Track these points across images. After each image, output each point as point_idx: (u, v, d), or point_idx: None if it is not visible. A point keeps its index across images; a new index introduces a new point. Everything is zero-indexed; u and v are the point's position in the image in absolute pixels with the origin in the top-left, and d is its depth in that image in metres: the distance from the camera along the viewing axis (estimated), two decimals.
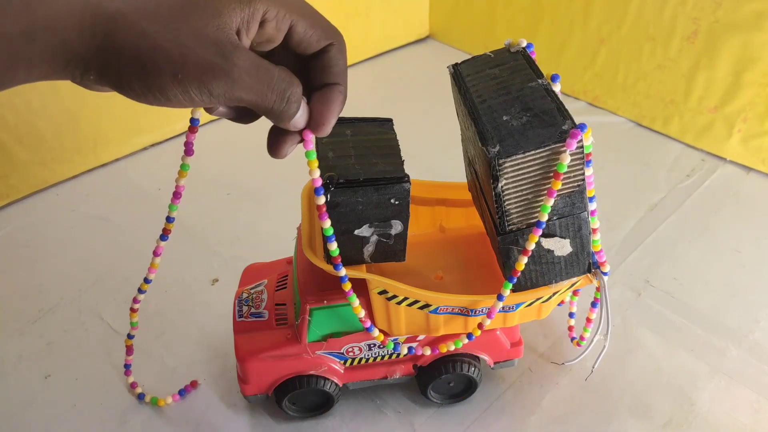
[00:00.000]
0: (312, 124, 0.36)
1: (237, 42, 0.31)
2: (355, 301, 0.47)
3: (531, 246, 0.45)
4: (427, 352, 0.53)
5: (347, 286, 0.46)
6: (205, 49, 0.30)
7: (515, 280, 0.47)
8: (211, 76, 0.30)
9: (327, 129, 0.37)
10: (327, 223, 0.43)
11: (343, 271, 0.46)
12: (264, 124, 0.40)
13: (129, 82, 0.30)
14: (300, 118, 0.35)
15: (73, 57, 0.29)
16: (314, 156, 0.39)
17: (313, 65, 0.36)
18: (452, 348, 0.53)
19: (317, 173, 0.41)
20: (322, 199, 0.42)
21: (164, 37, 0.29)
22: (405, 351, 0.52)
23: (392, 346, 0.52)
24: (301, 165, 0.44)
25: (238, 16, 0.31)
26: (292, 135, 0.37)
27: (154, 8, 0.30)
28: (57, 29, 0.28)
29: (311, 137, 0.37)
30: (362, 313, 0.48)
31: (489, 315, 0.49)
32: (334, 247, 0.44)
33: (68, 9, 0.29)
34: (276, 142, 0.38)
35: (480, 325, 0.50)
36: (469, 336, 0.51)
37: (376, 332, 0.50)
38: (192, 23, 0.30)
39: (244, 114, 0.39)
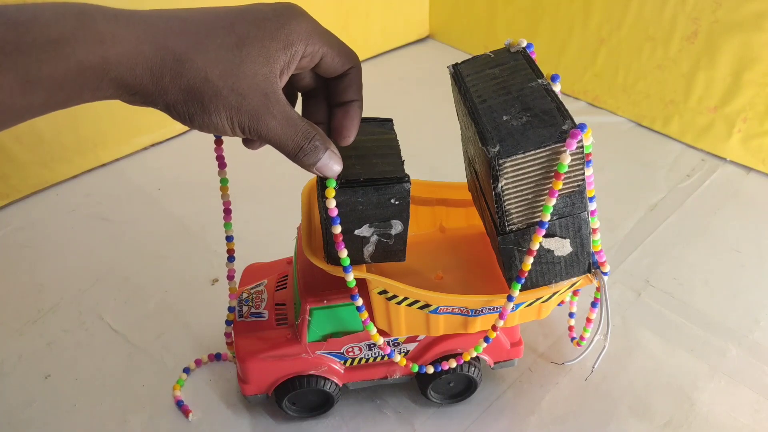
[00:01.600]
0: (336, 136, 0.42)
1: (278, 93, 0.37)
2: (361, 304, 0.48)
3: (535, 246, 0.45)
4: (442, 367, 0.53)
5: (353, 290, 0.47)
6: (255, 99, 0.35)
7: (523, 280, 0.47)
8: (256, 122, 0.36)
9: (350, 140, 0.42)
10: (339, 234, 0.44)
11: (351, 276, 0.46)
12: None
13: (190, 118, 0.35)
14: (332, 164, 0.40)
15: (140, 90, 0.34)
16: (334, 184, 0.42)
17: (334, 85, 0.42)
18: (474, 354, 0.53)
19: (333, 203, 0.42)
20: (338, 229, 0.44)
21: (224, 84, 0.34)
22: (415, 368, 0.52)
23: (416, 368, 0.54)
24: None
25: (282, 60, 0.36)
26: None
27: (215, 53, 0.34)
28: (127, 66, 0.32)
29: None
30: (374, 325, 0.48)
31: (501, 315, 0.49)
32: (344, 255, 0.44)
33: (138, 48, 0.32)
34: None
35: (494, 327, 0.50)
36: (486, 339, 0.51)
37: (396, 356, 0.50)
38: (247, 71, 0.35)
39: None
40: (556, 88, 0.45)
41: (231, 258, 0.53)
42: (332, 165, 0.40)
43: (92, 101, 0.34)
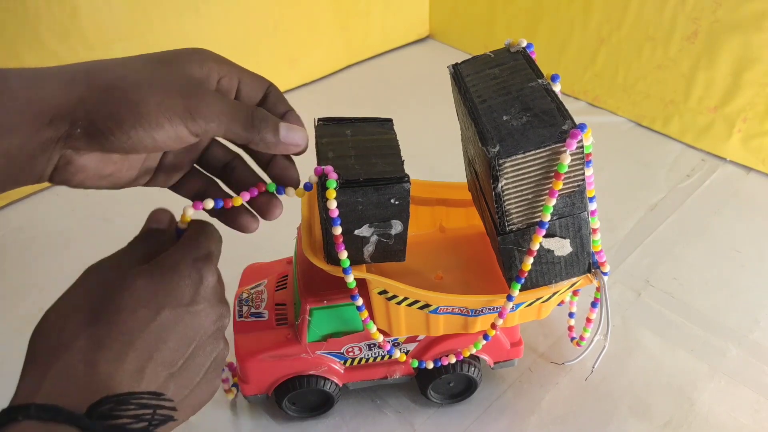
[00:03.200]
0: (286, 167, 0.42)
1: (212, 87, 0.36)
2: (361, 304, 0.48)
3: (535, 246, 0.45)
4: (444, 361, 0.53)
5: (354, 290, 0.47)
6: (184, 88, 0.34)
7: (523, 280, 0.47)
8: (196, 101, 0.34)
9: (304, 147, 0.40)
10: (339, 236, 0.44)
11: (351, 277, 0.46)
12: None
13: (112, 140, 0.33)
14: (295, 133, 0.38)
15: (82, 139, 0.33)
16: (335, 184, 0.41)
17: (266, 109, 0.40)
18: (473, 350, 0.53)
19: (334, 204, 0.42)
20: (338, 230, 0.43)
21: (143, 96, 0.33)
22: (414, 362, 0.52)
23: (416, 363, 0.54)
24: (301, 165, 0.44)
25: (198, 74, 0.36)
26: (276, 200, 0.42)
27: (135, 73, 0.34)
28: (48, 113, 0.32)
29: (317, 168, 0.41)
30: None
31: (501, 315, 0.49)
32: (344, 256, 0.44)
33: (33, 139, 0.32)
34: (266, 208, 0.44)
35: (494, 326, 0.50)
36: (486, 336, 0.51)
37: (396, 353, 0.50)
38: (169, 74, 0.34)
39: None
40: (556, 88, 0.45)
41: None
42: (295, 134, 0.38)
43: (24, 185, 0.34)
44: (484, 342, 0.52)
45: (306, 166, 0.51)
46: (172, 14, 0.87)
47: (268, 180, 0.43)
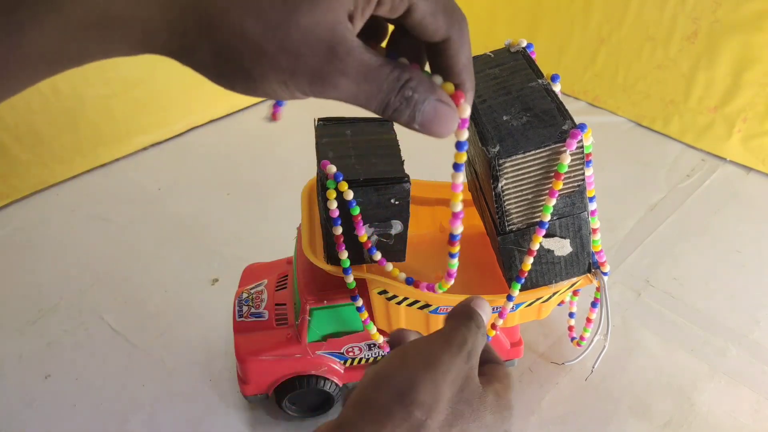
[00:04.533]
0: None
1: (349, 42, 0.27)
2: (361, 304, 0.48)
3: (535, 246, 0.45)
4: None
5: (354, 291, 0.47)
6: (315, 58, 0.27)
7: (523, 280, 0.47)
8: (320, 85, 0.27)
9: (463, 136, 0.34)
10: (340, 236, 0.44)
11: (351, 277, 0.46)
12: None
13: (231, 84, 0.27)
14: (442, 117, 0.30)
15: (161, 47, 0.26)
16: (334, 185, 0.40)
17: (433, 57, 0.31)
18: None
19: (335, 204, 0.42)
20: (339, 230, 0.43)
21: (270, 41, 0.26)
22: None
23: None
24: (300, 165, 0.44)
25: (352, 2, 0.27)
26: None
27: (256, 2, 0.26)
28: (139, 19, 0.25)
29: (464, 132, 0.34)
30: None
31: (501, 315, 0.49)
32: (345, 256, 0.44)
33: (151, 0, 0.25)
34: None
35: (494, 326, 0.50)
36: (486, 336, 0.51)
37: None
38: (301, 21, 0.26)
39: None
40: (556, 88, 0.45)
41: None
42: (439, 123, 0.29)
43: (108, 58, 0.27)
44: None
45: (306, 166, 0.51)
46: None
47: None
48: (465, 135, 0.33)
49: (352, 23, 0.27)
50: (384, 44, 0.32)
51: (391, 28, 0.32)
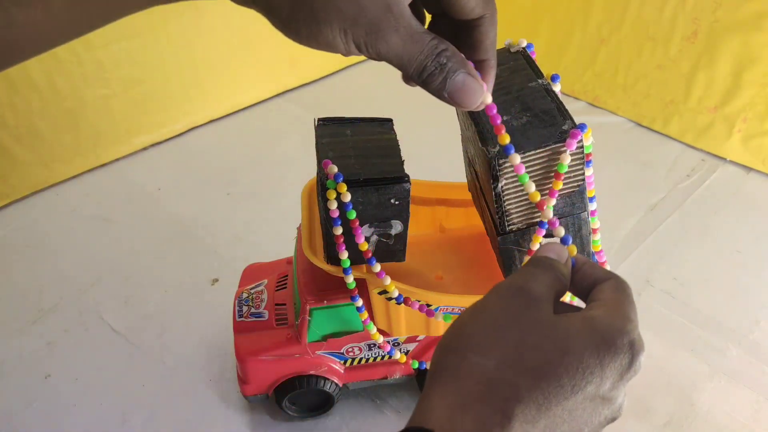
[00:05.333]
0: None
1: (403, 5, 0.31)
2: (361, 304, 0.48)
3: (535, 246, 0.45)
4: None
5: (353, 291, 0.47)
6: (375, 10, 0.30)
7: None
8: (375, 37, 0.31)
9: (483, 105, 0.36)
10: (340, 236, 0.44)
11: (351, 278, 0.46)
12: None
13: (296, 28, 0.31)
14: (468, 89, 0.33)
15: None
16: (334, 185, 0.40)
17: (464, 36, 0.35)
18: None
19: (335, 204, 0.41)
20: (339, 230, 0.43)
21: None
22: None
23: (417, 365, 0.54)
24: (301, 165, 0.44)
25: None
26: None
27: None
28: None
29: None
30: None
31: None
32: (345, 256, 0.44)
33: None
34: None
35: None
36: None
37: (396, 353, 0.50)
38: None
39: None
40: (556, 88, 0.45)
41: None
42: (469, 91, 0.33)
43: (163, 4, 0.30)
44: None
45: (306, 166, 0.51)
46: (173, 14, 0.87)
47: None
48: (489, 99, 0.36)
49: None
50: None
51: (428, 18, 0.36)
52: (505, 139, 0.39)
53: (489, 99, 0.35)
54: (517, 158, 0.39)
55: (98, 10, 0.29)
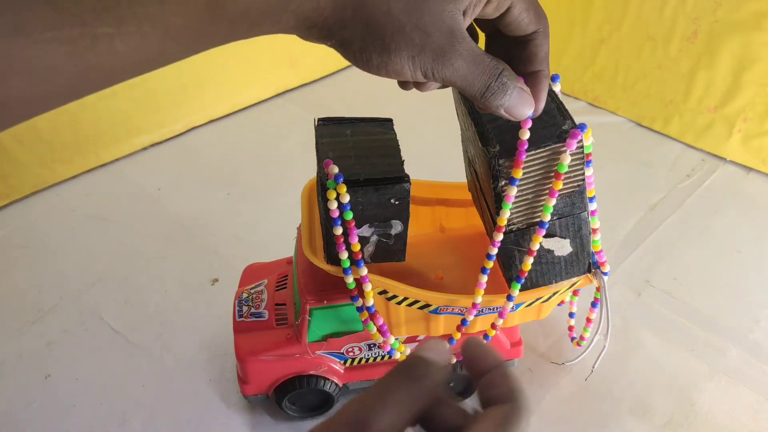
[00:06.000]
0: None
1: (464, 30, 0.33)
2: (361, 304, 0.48)
3: (535, 246, 0.45)
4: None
5: (353, 291, 0.47)
6: (440, 37, 0.32)
7: (523, 280, 0.47)
8: (441, 62, 0.33)
9: (537, 113, 0.38)
10: (340, 236, 0.44)
11: (351, 278, 0.46)
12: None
13: (368, 56, 0.33)
14: (524, 103, 0.36)
15: (320, 23, 0.32)
16: (335, 185, 0.40)
17: (518, 50, 0.37)
18: None
19: (335, 204, 0.42)
20: (339, 230, 0.43)
21: (408, 20, 0.32)
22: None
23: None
24: (301, 165, 0.44)
25: (468, 0, 0.33)
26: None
27: None
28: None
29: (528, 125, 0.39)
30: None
31: (501, 315, 0.49)
32: (345, 256, 0.44)
33: None
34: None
35: (494, 326, 0.50)
36: (486, 336, 0.51)
37: (396, 354, 0.51)
38: (432, 7, 0.32)
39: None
40: (556, 88, 0.45)
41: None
42: (521, 107, 0.36)
43: (271, 33, 0.32)
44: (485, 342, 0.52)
45: (306, 166, 0.51)
46: None
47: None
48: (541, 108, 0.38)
49: (464, 16, 0.33)
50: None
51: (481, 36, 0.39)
52: (525, 134, 0.40)
53: (541, 108, 0.38)
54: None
55: (186, 46, 0.31)
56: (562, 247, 0.46)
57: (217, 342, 0.65)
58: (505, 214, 0.44)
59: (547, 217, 0.43)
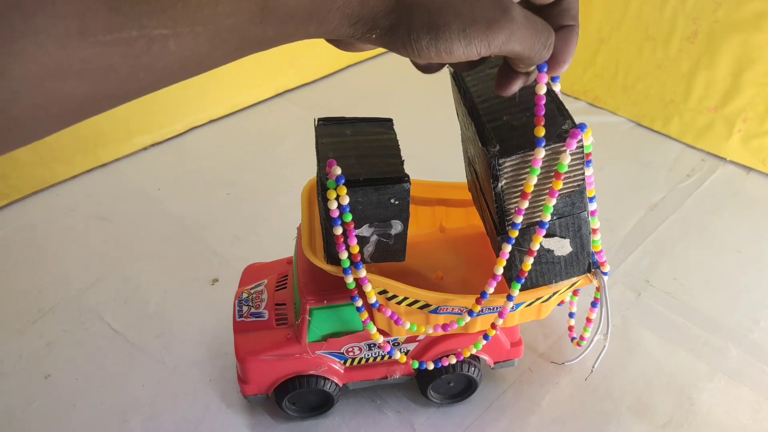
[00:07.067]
0: (553, 63, 0.38)
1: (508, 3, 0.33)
2: (361, 304, 0.48)
3: (535, 246, 0.45)
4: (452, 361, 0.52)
5: (353, 291, 0.47)
6: (489, 5, 0.32)
7: (523, 280, 0.47)
8: (496, 30, 0.32)
9: (566, 67, 0.38)
10: (340, 236, 0.44)
11: (351, 278, 0.46)
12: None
13: (417, 38, 0.32)
14: (564, 45, 0.37)
15: (366, 15, 0.31)
16: (335, 185, 0.40)
17: (549, 8, 0.37)
18: (473, 351, 0.53)
19: (335, 204, 0.41)
20: (339, 230, 0.43)
21: None
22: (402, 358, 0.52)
23: (417, 365, 0.54)
24: (300, 165, 0.44)
25: None
26: (523, 75, 0.39)
27: None
28: None
29: (545, 78, 0.39)
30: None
31: (501, 315, 0.49)
32: (345, 256, 0.44)
33: None
34: (507, 82, 0.39)
35: (494, 325, 0.50)
36: (486, 336, 0.51)
37: (397, 354, 0.50)
38: None
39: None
40: (556, 88, 0.45)
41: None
42: (570, 51, 0.37)
43: (314, 37, 0.32)
44: (485, 342, 0.52)
45: (306, 166, 0.51)
46: None
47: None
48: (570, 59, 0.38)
49: None
50: None
51: None
52: (540, 131, 0.40)
53: (568, 63, 0.38)
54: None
55: (234, 49, 0.31)
56: (562, 247, 0.46)
57: (217, 342, 0.65)
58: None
59: (547, 217, 0.43)
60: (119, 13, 0.27)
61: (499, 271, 0.46)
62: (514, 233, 0.43)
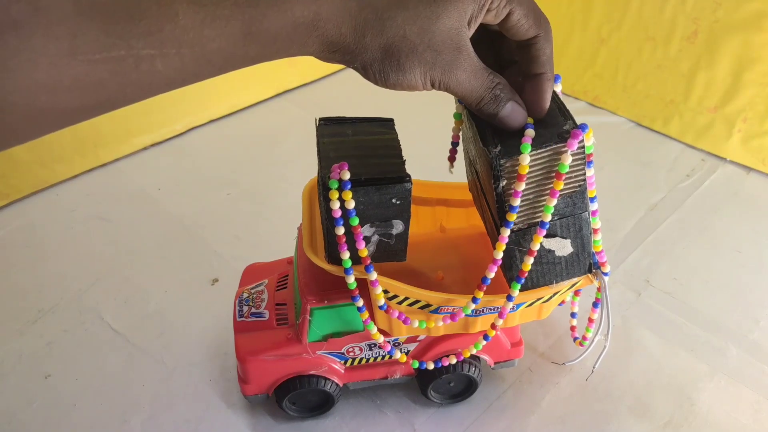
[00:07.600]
0: (528, 110, 0.41)
1: (469, 46, 0.37)
2: (362, 304, 0.48)
3: (535, 246, 0.45)
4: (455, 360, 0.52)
5: (354, 291, 0.47)
6: (448, 54, 0.36)
7: (523, 280, 0.47)
8: (447, 76, 0.37)
9: (542, 114, 0.41)
10: (342, 236, 0.44)
11: (352, 278, 0.46)
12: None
13: (386, 76, 0.37)
14: (515, 114, 0.40)
15: (342, 48, 0.35)
16: (336, 185, 0.40)
17: (522, 54, 0.40)
18: (473, 351, 0.53)
19: (337, 204, 0.42)
20: (341, 230, 0.43)
21: (420, 41, 0.35)
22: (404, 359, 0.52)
23: (417, 364, 0.54)
24: (300, 165, 0.44)
25: (471, 10, 0.36)
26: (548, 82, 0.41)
27: (413, 9, 0.35)
28: (334, 23, 0.34)
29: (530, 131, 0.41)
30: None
31: (501, 315, 0.49)
32: (346, 256, 0.44)
33: (345, 6, 0.34)
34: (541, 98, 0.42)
35: (494, 326, 0.50)
36: (486, 337, 0.51)
37: (397, 353, 0.50)
38: (441, 27, 0.35)
39: None
40: (557, 88, 0.45)
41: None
42: (515, 116, 0.40)
43: (295, 56, 0.35)
44: (485, 342, 0.52)
45: (306, 166, 0.51)
46: None
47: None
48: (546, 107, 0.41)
49: (468, 28, 0.36)
50: None
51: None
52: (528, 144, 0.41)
53: (545, 109, 0.41)
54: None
55: (218, 67, 0.34)
56: (562, 247, 0.46)
57: (217, 342, 0.65)
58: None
59: (548, 218, 0.43)
60: (109, 34, 0.29)
61: (499, 255, 0.45)
62: (512, 216, 0.43)
